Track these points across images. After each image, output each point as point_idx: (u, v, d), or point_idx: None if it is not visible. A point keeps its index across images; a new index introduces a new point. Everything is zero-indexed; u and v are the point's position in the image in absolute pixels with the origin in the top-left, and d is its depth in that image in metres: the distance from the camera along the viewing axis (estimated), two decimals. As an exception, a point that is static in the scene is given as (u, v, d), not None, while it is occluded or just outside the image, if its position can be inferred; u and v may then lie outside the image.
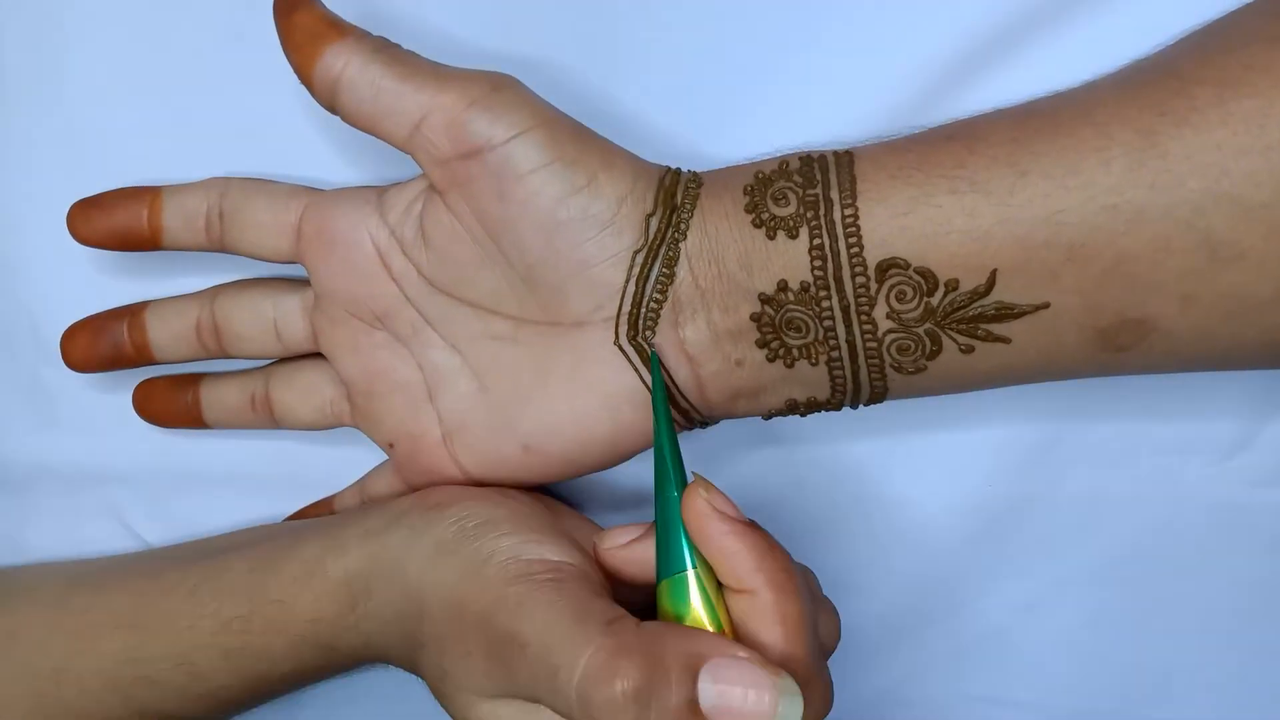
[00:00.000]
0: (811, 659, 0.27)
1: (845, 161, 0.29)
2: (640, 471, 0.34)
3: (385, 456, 0.35)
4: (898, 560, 0.37)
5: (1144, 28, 0.29)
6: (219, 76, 0.34)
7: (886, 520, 0.37)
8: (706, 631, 0.27)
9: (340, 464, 0.37)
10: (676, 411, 0.31)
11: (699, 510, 0.27)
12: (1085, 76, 0.30)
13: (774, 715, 0.25)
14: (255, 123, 0.34)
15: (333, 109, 0.30)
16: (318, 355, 0.35)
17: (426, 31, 0.32)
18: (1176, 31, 0.29)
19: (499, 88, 0.29)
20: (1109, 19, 0.31)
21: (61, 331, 0.35)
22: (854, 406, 0.31)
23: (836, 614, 0.31)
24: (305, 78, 0.30)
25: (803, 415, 0.31)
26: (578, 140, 0.29)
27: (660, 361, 0.30)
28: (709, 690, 0.25)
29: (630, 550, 0.30)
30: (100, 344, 0.35)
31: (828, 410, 0.31)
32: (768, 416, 0.32)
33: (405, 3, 0.33)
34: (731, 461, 0.37)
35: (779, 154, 0.30)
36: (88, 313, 0.36)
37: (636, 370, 0.30)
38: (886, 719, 0.39)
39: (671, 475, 0.28)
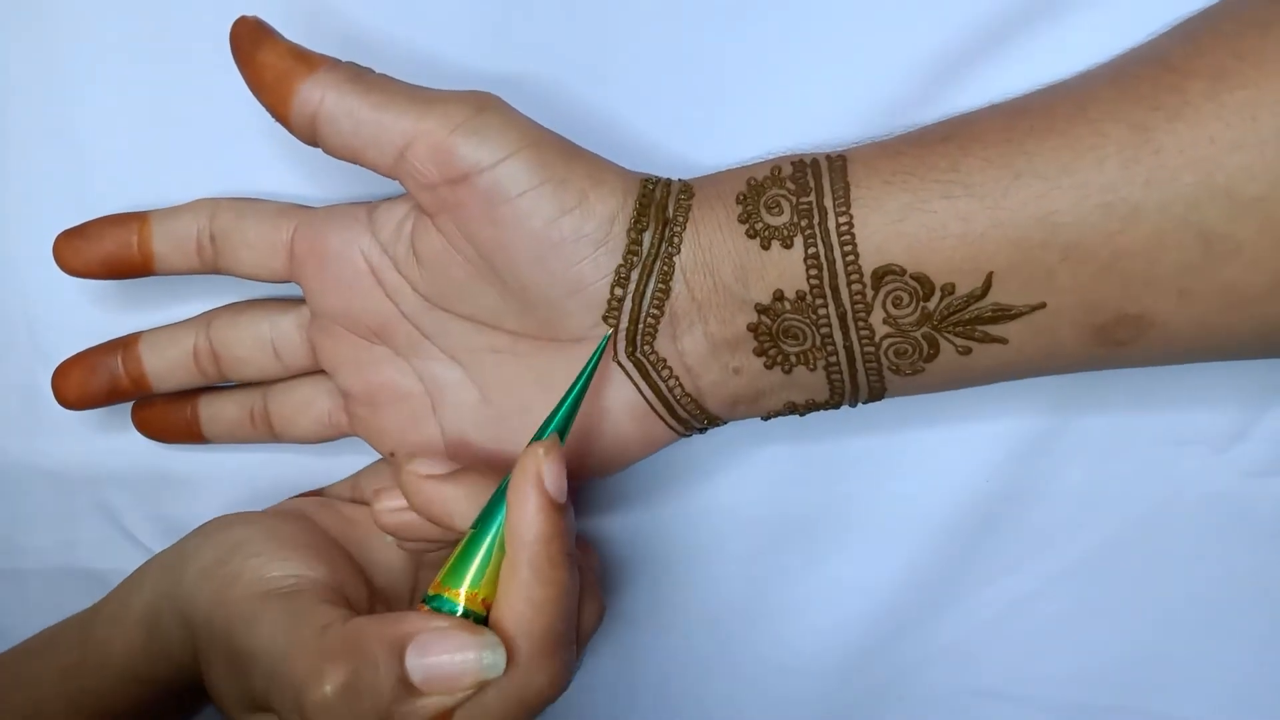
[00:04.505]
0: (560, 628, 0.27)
1: (838, 166, 0.28)
2: (639, 471, 0.34)
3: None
4: (895, 555, 0.37)
5: (1137, 20, 0.29)
6: (216, 77, 0.33)
7: (883, 515, 0.37)
8: (407, 614, 0.27)
9: (337, 465, 0.37)
10: (675, 421, 0.31)
11: (525, 467, 0.27)
12: (1079, 70, 0.29)
13: (481, 668, 0.26)
14: (251, 121, 0.33)
15: (313, 144, 0.29)
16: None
17: (406, 49, 0.32)
18: (1171, 21, 0.29)
19: (483, 109, 0.28)
20: (1101, 12, 0.30)
21: (56, 332, 0.35)
22: (853, 405, 0.31)
23: (602, 604, 0.31)
24: (281, 118, 0.29)
25: (801, 415, 0.31)
26: (566, 159, 0.29)
27: (652, 372, 0.30)
28: (417, 665, 0.26)
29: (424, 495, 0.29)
30: (95, 379, 0.34)
31: (826, 410, 0.31)
32: (766, 418, 0.32)
33: (383, 21, 0.32)
34: (728, 460, 0.37)
35: (770, 156, 0.30)
36: (82, 312, 0.36)
37: (635, 385, 0.30)
38: (885, 714, 0.39)
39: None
